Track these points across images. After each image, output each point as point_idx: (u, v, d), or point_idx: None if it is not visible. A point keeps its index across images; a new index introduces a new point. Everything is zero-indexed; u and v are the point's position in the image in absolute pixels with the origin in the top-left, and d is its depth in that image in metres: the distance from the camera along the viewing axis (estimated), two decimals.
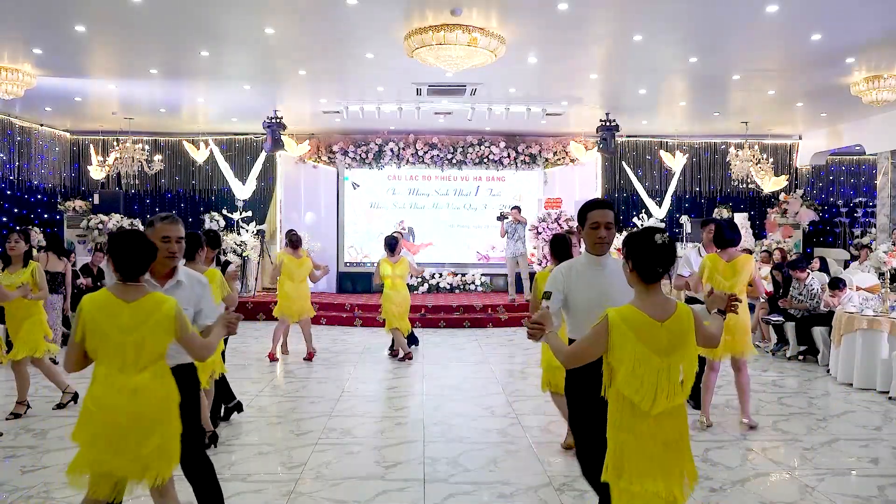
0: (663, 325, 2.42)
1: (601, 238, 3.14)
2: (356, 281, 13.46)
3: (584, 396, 2.96)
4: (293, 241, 8.19)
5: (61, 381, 5.87)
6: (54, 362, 6.32)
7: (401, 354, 8.20)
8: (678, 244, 12.93)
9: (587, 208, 3.23)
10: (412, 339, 8.74)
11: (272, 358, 8.06)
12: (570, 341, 3.08)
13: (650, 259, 2.43)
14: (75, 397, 5.89)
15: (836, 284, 7.82)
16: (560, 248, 4.71)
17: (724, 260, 5.22)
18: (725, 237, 5.24)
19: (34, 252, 9.50)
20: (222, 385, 5.35)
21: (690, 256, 5.94)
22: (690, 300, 5.90)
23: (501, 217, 11.66)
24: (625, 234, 3.54)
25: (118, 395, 2.67)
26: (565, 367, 2.64)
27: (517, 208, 11.79)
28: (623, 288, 3.07)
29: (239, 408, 5.61)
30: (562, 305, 3.15)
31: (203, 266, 4.84)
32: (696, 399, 5.79)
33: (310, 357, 8.13)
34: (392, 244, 8.21)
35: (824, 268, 9.55)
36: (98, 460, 2.66)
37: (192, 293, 3.16)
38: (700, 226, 6.23)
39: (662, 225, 13.16)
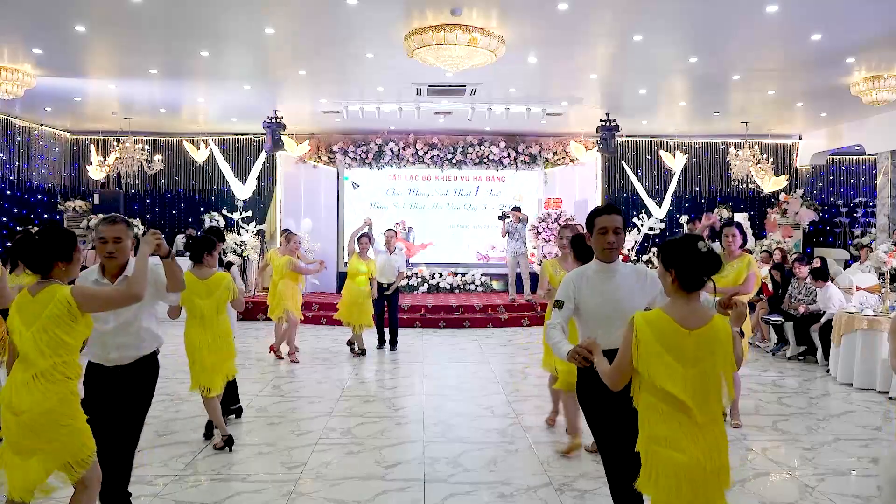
0: (691, 334, 2.35)
1: (610, 244, 3.07)
2: None
3: (598, 400, 2.90)
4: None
5: None
6: None
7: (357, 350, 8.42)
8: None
9: (595, 214, 3.18)
10: (392, 343, 8.91)
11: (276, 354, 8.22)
12: None
13: (695, 268, 2.38)
14: None
15: (819, 275, 7.99)
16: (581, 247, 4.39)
17: None
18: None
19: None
20: (230, 387, 5.32)
21: None
22: None
23: (502, 216, 11.67)
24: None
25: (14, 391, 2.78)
26: (614, 388, 2.47)
27: (517, 208, 11.82)
28: (633, 294, 3.03)
29: (238, 413, 5.60)
30: (573, 313, 3.10)
31: (209, 269, 4.85)
32: None
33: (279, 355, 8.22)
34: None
35: (824, 268, 9.55)
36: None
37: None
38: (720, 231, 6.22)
39: (663, 225, 13.17)
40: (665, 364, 2.33)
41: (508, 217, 11.58)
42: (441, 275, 13.52)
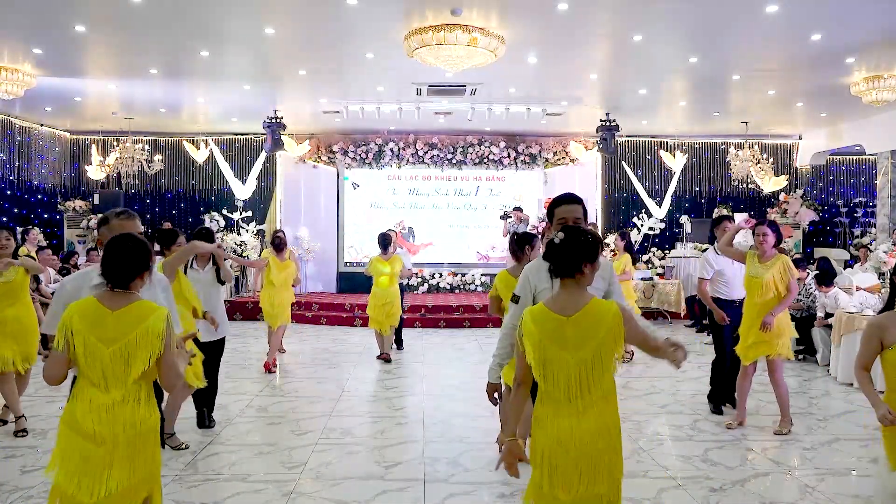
0: (569, 320, 2.43)
1: None
2: (356, 281, 13.44)
3: None
4: (276, 243, 7.84)
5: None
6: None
7: (379, 353, 8.19)
8: (679, 244, 12.93)
9: (554, 204, 3.15)
10: (398, 343, 8.74)
11: (268, 368, 7.51)
12: None
13: (548, 258, 2.56)
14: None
15: (823, 280, 7.84)
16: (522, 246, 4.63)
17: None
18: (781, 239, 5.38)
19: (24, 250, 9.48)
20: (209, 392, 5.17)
21: (709, 257, 5.76)
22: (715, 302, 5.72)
23: (504, 216, 11.73)
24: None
25: (94, 416, 2.45)
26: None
27: (519, 208, 11.89)
28: (592, 286, 3.04)
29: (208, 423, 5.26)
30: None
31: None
32: (732, 400, 5.78)
33: (267, 368, 7.45)
34: (385, 242, 8.18)
35: (829, 272, 9.51)
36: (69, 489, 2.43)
37: (156, 295, 3.09)
38: (713, 226, 6.00)
39: (663, 225, 13.17)
40: (546, 352, 2.43)
41: (510, 217, 11.64)
42: (441, 275, 13.52)
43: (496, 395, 3.30)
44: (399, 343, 8.85)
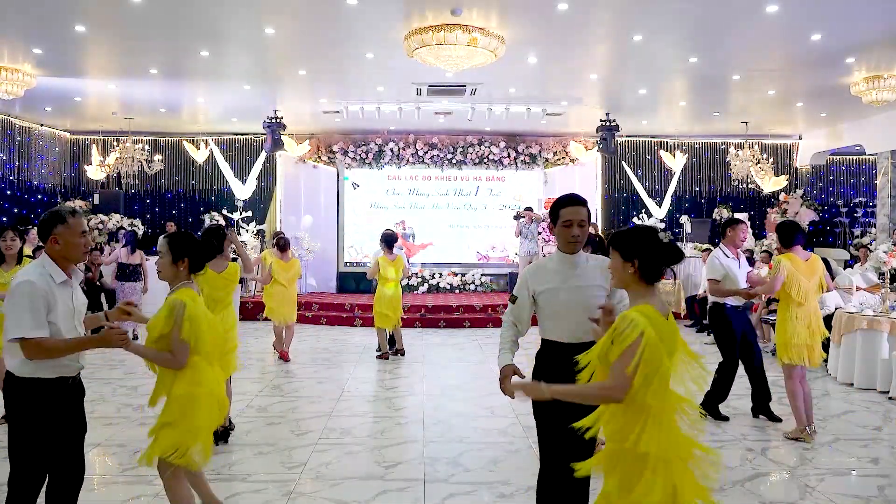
0: (668, 322, 2.37)
1: (575, 237, 3.00)
2: (356, 281, 13.46)
3: (554, 421, 2.84)
4: (281, 244, 8.09)
5: None
6: None
7: (379, 353, 8.28)
8: (679, 244, 12.94)
9: (559, 205, 3.08)
10: (398, 348, 8.63)
11: (284, 357, 8.09)
12: (549, 343, 3.05)
13: (660, 259, 2.40)
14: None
15: None
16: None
17: (801, 259, 5.08)
18: (798, 236, 5.15)
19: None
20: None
21: (719, 258, 5.57)
22: (717, 305, 5.64)
23: (517, 217, 11.80)
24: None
25: (209, 384, 3.15)
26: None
27: (530, 208, 11.97)
28: (595, 286, 2.98)
29: (226, 436, 4.99)
30: (532, 309, 3.09)
31: (224, 261, 5.13)
32: (766, 411, 5.68)
33: (283, 357, 8.06)
34: (390, 241, 8.20)
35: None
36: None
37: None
38: (726, 225, 5.78)
39: (662, 225, 13.17)
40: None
41: (522, 217, 11.69)
42: (441, 275, 13.53)
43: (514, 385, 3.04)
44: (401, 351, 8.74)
